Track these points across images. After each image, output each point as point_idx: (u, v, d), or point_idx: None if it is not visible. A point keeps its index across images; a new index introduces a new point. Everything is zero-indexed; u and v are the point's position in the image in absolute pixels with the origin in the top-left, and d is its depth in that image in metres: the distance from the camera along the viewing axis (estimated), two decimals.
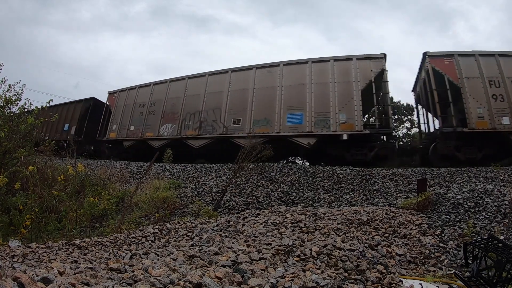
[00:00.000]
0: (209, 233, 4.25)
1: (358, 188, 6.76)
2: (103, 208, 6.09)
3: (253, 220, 4.59)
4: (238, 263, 2.37)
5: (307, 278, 2.14)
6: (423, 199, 4.88)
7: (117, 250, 3.80)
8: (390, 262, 3.20)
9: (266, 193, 6.74)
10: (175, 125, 11.74)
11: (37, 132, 8.30)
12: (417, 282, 2.79)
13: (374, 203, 6.01)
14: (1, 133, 5.52)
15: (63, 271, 2.11)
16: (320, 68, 10.03)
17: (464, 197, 4.79)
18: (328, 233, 3.82)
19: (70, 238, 4.62)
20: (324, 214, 4.73)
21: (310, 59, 10.30)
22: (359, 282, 2.39)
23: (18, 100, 6.63)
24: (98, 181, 7.52)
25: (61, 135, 15.27)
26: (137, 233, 4.60)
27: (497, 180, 6.01)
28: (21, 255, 3.59)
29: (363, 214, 4.69)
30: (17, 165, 6.06)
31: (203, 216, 5.61)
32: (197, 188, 7.27)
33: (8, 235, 4.76)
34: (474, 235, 3.83)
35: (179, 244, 3.87)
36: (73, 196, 5.99)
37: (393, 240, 3.90)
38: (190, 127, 11.41)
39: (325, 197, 6.49)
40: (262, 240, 3.36)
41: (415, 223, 4.39)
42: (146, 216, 5.88)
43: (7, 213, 5.21)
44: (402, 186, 6.63)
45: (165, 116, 12.18)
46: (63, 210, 5.48)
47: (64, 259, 3.49)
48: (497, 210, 4.28)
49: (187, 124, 11.53)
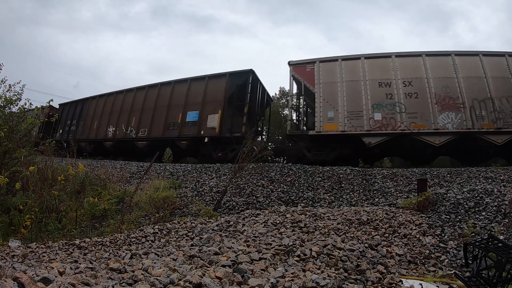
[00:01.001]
0: (209, 233, 4.25)
1: (358, 188, 6.76)
2: (103, 208, 6.09)
3: (253, 220, 4.59)
4: (238, 263, 2.37)
5: (307, 278, 2.14)
6: (423, 199, 4.88)
7: (117, 250, 3.80)
8: (390, 262, 3.20)
9: (266, 193, 6.74)
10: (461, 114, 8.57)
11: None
12: (417, 282, 2.79)
13: (374, 203, 6.01)
14: (1, 133, 5.52)
15: (63, 271, 2.10)
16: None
17: (464, 197, 4.79)
18: (328, 233, 3.82)
19: (70, 238, 4.62)
20: (324, 214, 4.73)
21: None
22: (359, 282, 2.39)
23: (18, 100, 6.63)
24: (98, 181, 7.52)
25: (182, 128, 11.42)
26: (137, 233, 4.60)
27: (497, 180, 6.01)
28: (21, 255, 3.59)
29: (363, 214, 4.69)
30: (17, 165, 6.06)
31: (203, 216, 5.61)
32: (197, 188, 7.27)
33: (8, 235, 4.76)
34: (474, 235, 3.83)
35: (179, 244, 3.87)
36: (73, 196, 5.99)
37: (393, 240, 3.90)
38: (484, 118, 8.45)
39: (325, 197, 6.49)
40: (262, 240, 3.36)
41: (415, 223, 4.39)
42: (146, 216, 5.88)
43: (7, 213, 5.21)
44: (402, 186, 6.63)
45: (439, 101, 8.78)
46: (63, 210, 5.48)
47: (64, 259, 3.49)
48: (497, 210, 4.28)
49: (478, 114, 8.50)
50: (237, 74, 11.21)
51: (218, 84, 11.19)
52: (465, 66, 8.95)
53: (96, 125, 14.48)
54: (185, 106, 11.60)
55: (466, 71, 8.89)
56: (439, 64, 9.12)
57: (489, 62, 8.91)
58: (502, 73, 8.76)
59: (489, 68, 8.81)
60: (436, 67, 9.08)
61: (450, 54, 9.18)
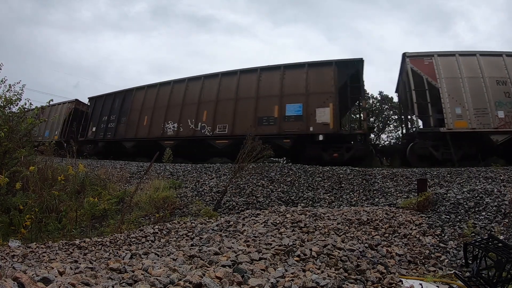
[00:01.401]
0: (209, 233, 4.25)
1: (358, 188, 6.76)
2: (103, 208, 6.09)
3: (253, 220, 4.59)
4: (238, 263, 2.37)
5: (307, 278, 2.14)
6: (423, 199, 4.88)
7: (117, 250, 3.80)
8: (390, 262, 3.20)
9: (266, 193, 6.74)
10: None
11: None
12: (417, 282, 2.79)
13: (374, 203, 6.01)
14: (1, 133, 5.52)
15: (63, 271, 2.10)
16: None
17: (464, 197, 4.79)
18: (328, 233, 3.82)
19: (70, 238, 4.62)
20: (324, 214, 4.73)
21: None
22: (359, 282, 2.39)
23: (18, 100, 6.64)
24: (98, 181, 7.52)
25: (282, 123, 10.12)
26: (137, 233, 4.60)
27: (497, 180, 6.01)
28: (21, 255, 3.59)
29: (363, 214, 4.69)
30: (17, 165, 6.06)
31: (203, 216, 5.60)
32: (197, 188, 7.27)
33: (8, 235, 4.76)
34: (474, 235, 3.83)
35: (179, 244, 3.87)
36: (73, 196, 5.99)
37: (393, 240, 3.90)
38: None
39: (325, 197, 6.49)
40: (262, 240, 3.36)
41: (415, 223, 4.39)
42: (146, 216, 5.88)
43: (7, 213, 5.21)
44: (402, 186, 6.63)
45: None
46: (63, 210, 5.48)
47: (64, 259, 3.49)
48: (497, 210, 4.28)
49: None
50: (345, 63, 10.06)
51: (324, 73, 10.00)
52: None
53: (147, 121, 12.41)
54: (282, 98, 10.09)
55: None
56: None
57: None
58: None
59: None
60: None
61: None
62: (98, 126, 14.30)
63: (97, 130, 14.30)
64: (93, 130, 14.52)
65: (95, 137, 14.30)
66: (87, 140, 14.67)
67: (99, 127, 14.24)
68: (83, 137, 14.74)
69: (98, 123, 14.37)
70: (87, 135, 14.80)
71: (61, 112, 15.96)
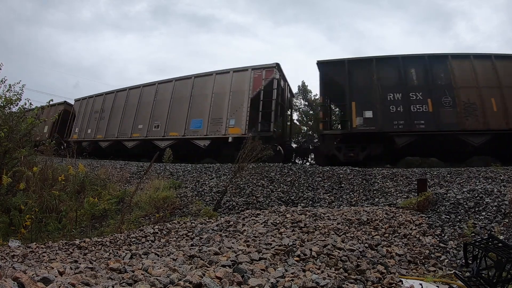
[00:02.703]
0: (209, 233, 4.25)
1: (358, 188, 6.76)
2: (103, 208, 6.09)
3: (253, 220, 4.59)
4: (238, 263, 2.37)
5: (307, 278, 2.14)
6: (423, 199, 4.88)
7: (117, 250, 3.80)
8: (390, 262, 3.20)
9: (266, 193, 6.74)
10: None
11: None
12: (417, 282, 2.78)
13: (374, 203, 6.01)
14: (1, 133, 5.52)
15: (63, 271, 2.10)
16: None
17: (464, 197, 4.78)
18: (328, 233, 3.82)
19: (70, 238, 4.62)
20: (324, 214, 4.73)
21: None
22: (359, 282, 2.39)
23: (18, 100, 6.62)
24: (98, 181, 7.52)
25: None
26: (137, 233, 4.60)
27: (497, 180, 6.01)
28: (21, 255, 3.59)
29: (363, 214, 4.69)
30: (17, 165, 6.06)
31: (203, 216, 5.61)
32: (197, 188, 7.27)
33: (8, 235, 4.76)
34: (474, 235, 3.83)
35: (179, 244, 3.87)
36: (73, 196, 5.99)
37: (393, 240, 3.90)
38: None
39: (325, 197, 6.49)
40: (262, 240, 3.36)
41: (415, 223, 4.39)
42: (146, 216, 5.88)
43: (7, 213, 5.21)
44: (402, 186, 6.63)
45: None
46: (63, 210, 5.48)
47: (64, 259, 3.49)
48: (497, 210, 4.28)
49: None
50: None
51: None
52: None
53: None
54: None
55: None
56: None
57: None
58: None
59: None
60: None
61: None
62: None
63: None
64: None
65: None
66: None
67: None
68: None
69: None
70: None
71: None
